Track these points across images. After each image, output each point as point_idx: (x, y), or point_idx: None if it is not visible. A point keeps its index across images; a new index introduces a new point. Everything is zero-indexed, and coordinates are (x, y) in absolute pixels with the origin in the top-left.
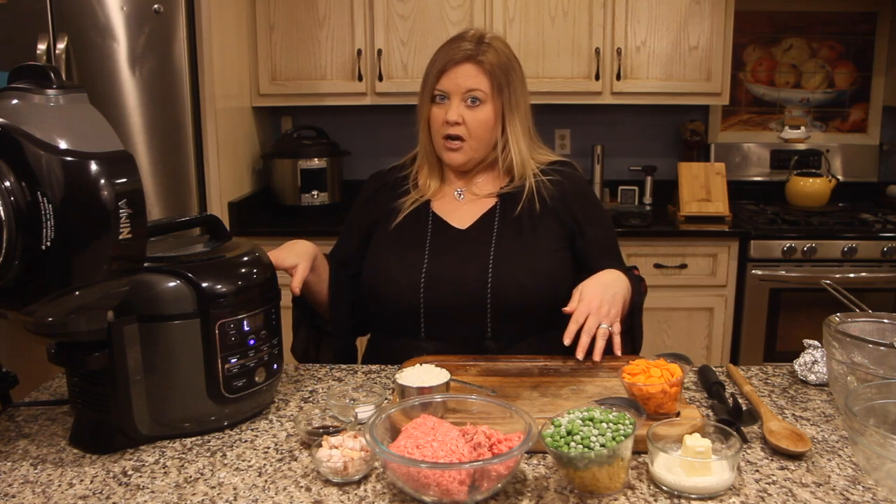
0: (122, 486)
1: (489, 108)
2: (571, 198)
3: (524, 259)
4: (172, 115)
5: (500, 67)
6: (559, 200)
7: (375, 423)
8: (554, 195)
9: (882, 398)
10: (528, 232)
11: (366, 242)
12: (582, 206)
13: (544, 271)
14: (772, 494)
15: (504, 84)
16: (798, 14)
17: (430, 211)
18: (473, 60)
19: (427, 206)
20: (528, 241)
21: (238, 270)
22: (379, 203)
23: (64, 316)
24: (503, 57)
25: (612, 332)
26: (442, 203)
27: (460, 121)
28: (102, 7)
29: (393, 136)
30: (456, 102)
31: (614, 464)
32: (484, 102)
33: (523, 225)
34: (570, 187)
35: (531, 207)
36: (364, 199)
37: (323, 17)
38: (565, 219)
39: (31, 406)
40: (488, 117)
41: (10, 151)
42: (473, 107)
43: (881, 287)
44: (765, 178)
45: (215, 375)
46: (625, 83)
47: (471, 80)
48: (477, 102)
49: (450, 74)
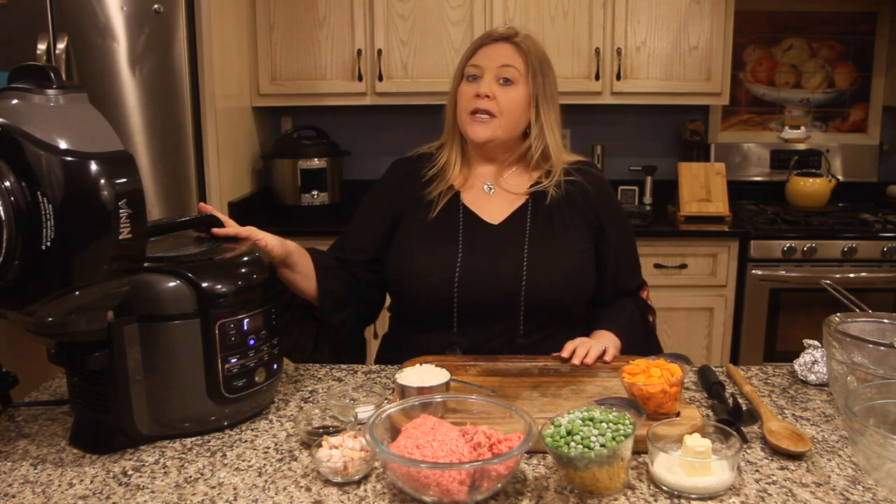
0: (122, 486)
1: (522, 89)
2: (596, 198)
3: (557, 257)
4: (172, 115)
5: (535, 55)
6: (585, 200)
7: (375, 423)
8: (580, 194)
9: (882, 398)
10: (559, 230)
11: (390, 232)
12: (605, 208)
13: (575, 270)
14: (772, 494)
15: (539, 72)
16: (798, 14)
17: (460, 203)
18: (510, 41)
19: (457, 198)
20: (559, 239)
21: (238, 270)
22: (405, 191)
23: (64, 316)
24: (539, 48)
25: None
26: (471, 195)
27: (491, 95)
28: (102, 7)
29: (393, 136)
30: (489, 79)
31: (614, 464)
32: (517, 83)
33: (555, 223)
34: (595, 188)
35: (560, 206)
36: (388, 187)
37: (323, 17)
38: (591, 219)
39: (31, 406)
40: (521, 98)
41: (10, 151)
42: (506, 86)
43: (881, 287)
44: (765, 178)
45: (215, 375)
46: (625, 83)
47: (506, 56)
48: (510, 83)
49: (485, 50)
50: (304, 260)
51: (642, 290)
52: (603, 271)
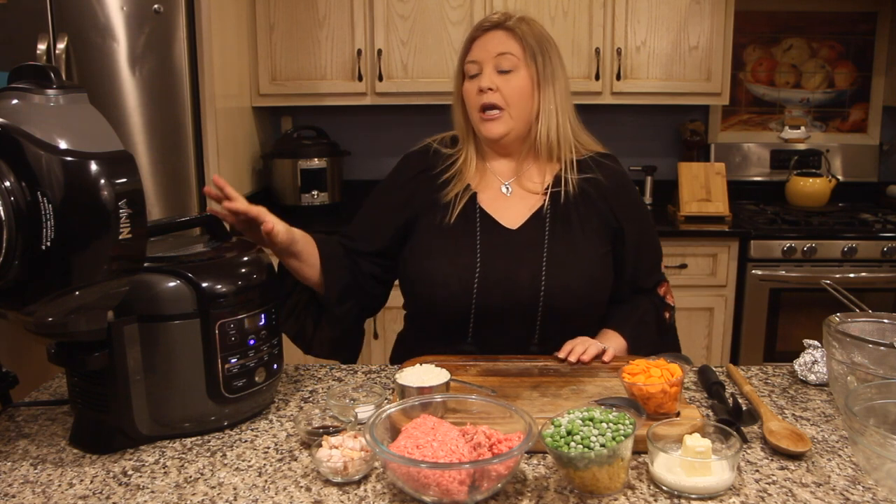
0: (122, 486)
1: (523, 74)
2: (613, 194)
3: (575, 264)
4: (172, 115)
5: (532, 36)
6: (602, 198)
7: (375, 423)
8: (597, 192)
9: (882, 398)
10: (577, 234)
11: (402, 231)
12: (624, 205)
13: (593, 276)
14: (772, 494)
15: (537, 51)
16: (798, 14)
17: (477, 206)
18: (503, 27)
19: (474, 200)
20: (577, 244)
21: (238, 270)
22: (420, 191)
23: (64, 316)
24: (536, 27)
25: (605, 349)
26: (488, 197)
27: (494, 87)
28: (102, 7)
29: (393, 136)
30: (489, 70)
31: (614, 464)
32: (517, 70)
33: (573, 226)
34: (613, 183)
35: (578, 206)
36: (402, 183)
37: (323, 17)
38: (609, 218)
39: (31, 406)
40: (524, 83)
41: (10, 151)
42: (506, 74)
43: (881, 287)
44: (765, 178)
45: (215, 375)
46: (625, 83)
47: (501, 44)
48: (509, 72)
49: (479, 42)
50: (310, 249)
51: (661, 285)
52: (621, 269)
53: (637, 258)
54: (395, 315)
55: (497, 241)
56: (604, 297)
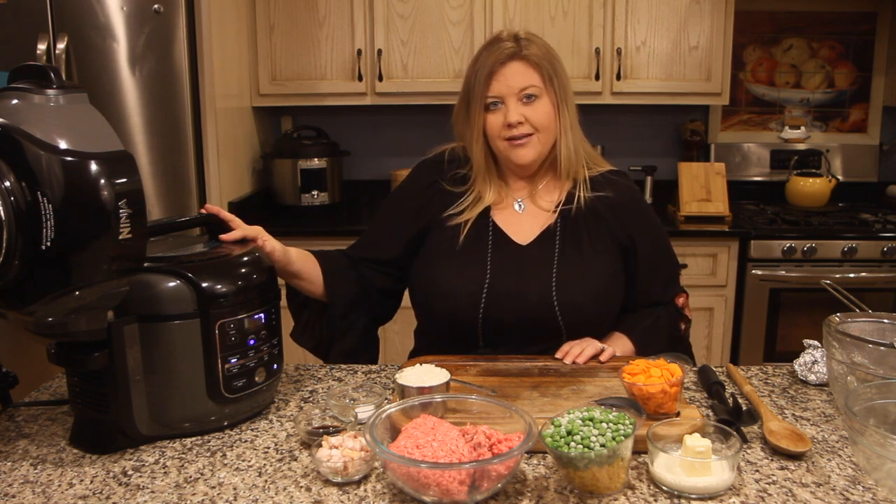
0: (122, 486)
1: (546, 100)
2: (624, 213)
3: (584, 281)
4: (172, 115)
5: (545, 59)
6: (613, 216)
7: (375, 423)
8: (609, 210)
9: (882, 398)
10: (587, 252)
11: (415, 243)
12: (635, 222)
13: (603, 293)
14: (772, 494)
15: (553, 74)
16: (798, 14)
17: (489, 221)
18: (519, 57)
19: (487, 214)
20: (587, 262)
21: (238, 270)
22: (433, 204)
23: (64, 316)
24: (545, 48)
25: (603, 350)
26: (502, 213)
27: (522, 120)
28: (102, 7)
29: (393, 136)
30: (513, 104)
31: (614, 464)
32: (540, 97)
33: (583, 243)
34: (624, 200)
35: (589, 224)
36: (415, 194)
37: (323, 17)
38: (620, 237)
39: (31, 406)
40: (548, 109)
41: (10, 151)
42: (530, 103)
43: (881, 287)
44: (765, 178)
45: (215, 375)
46: (625, 83)
47: (522, 77)
48: (533, 98)
49: (499, 77)
50: (310, 266)
51: (679, 296)
52: (633, 286)
53: (651, 273)
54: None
55: (507, 255)
56: (613, 314)
